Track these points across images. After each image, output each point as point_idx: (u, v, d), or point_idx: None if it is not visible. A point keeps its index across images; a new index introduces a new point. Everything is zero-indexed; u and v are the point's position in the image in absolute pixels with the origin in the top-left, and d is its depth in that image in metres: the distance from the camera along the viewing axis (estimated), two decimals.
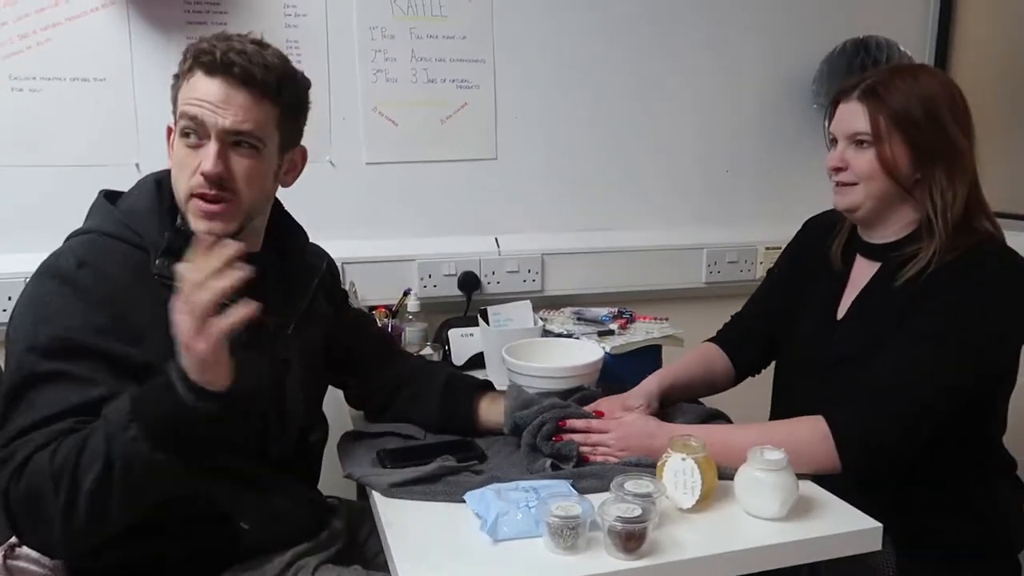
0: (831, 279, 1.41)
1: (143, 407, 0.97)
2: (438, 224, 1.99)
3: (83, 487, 0.96)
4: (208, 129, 1.11)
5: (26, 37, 1.67)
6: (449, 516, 1.10)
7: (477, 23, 1.94)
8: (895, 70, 1.34)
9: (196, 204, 1.12)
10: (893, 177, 1.27)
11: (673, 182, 2.15)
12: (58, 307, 1.05)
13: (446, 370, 1.50)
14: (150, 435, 0.96)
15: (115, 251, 1.11)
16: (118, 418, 0.97)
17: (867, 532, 1.07)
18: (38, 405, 1.01)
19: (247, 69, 1.11)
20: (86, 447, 0.97)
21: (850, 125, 1.30)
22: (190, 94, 1.11)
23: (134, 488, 0.98)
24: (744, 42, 2.13)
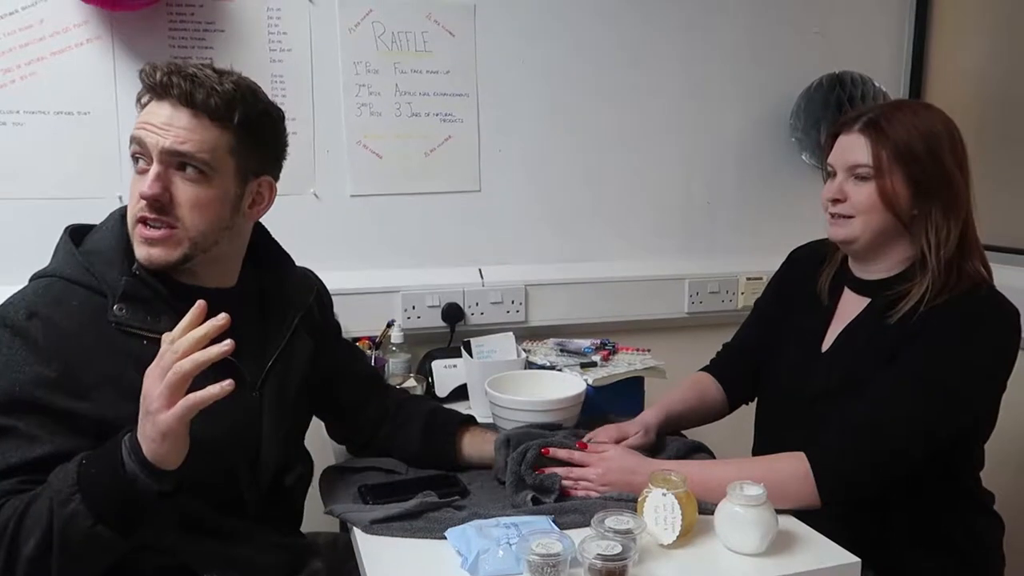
0: (817, 312, 1.42)
1: (89, 479, 0.94)
2: (422, 256, 2.00)
3: (22, 553, 0.94)
4: (150, 151, 1.08)
5: (10, 71, 1.68)
6: (430, 553, 1.10)
7: (461, 58, 1.97)
8: (897, 105, 1.35)
9: (139, 230, 1.09)
10: (892, 211, 1.27)
11: (655, 214, 2.18)
12: (6, 359, 1.02)
13: (429, 404, 1.49)
14: (93, 509, 0.93)
15: (72, 296, 1.07)
16: (62, 487, 0.94)
17: (846, 567, 1.08)
18: None
19: (188, 91, 1.07)
20: (28, 512, 0.95)
21: (851, 157, 1.30)
22: (141, 118, 1.10)
23: (74, 558, 0.95)
24: (723, 77, 2.17)
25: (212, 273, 1.17)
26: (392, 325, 1.88)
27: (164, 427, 0.92)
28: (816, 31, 2.23)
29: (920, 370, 1.21)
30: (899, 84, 2.32)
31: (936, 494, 1.29)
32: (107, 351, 1.05)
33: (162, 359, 0.94)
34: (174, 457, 0.95)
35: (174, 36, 1.77)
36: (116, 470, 0.94)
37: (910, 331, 1.25)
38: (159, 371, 0.93)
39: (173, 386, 0.92)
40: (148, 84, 1.09)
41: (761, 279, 2.21)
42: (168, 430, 0.92)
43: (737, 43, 2.17)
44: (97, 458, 0.97)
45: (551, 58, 2.04)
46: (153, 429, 0.93)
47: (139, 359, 1.03)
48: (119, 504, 0.94)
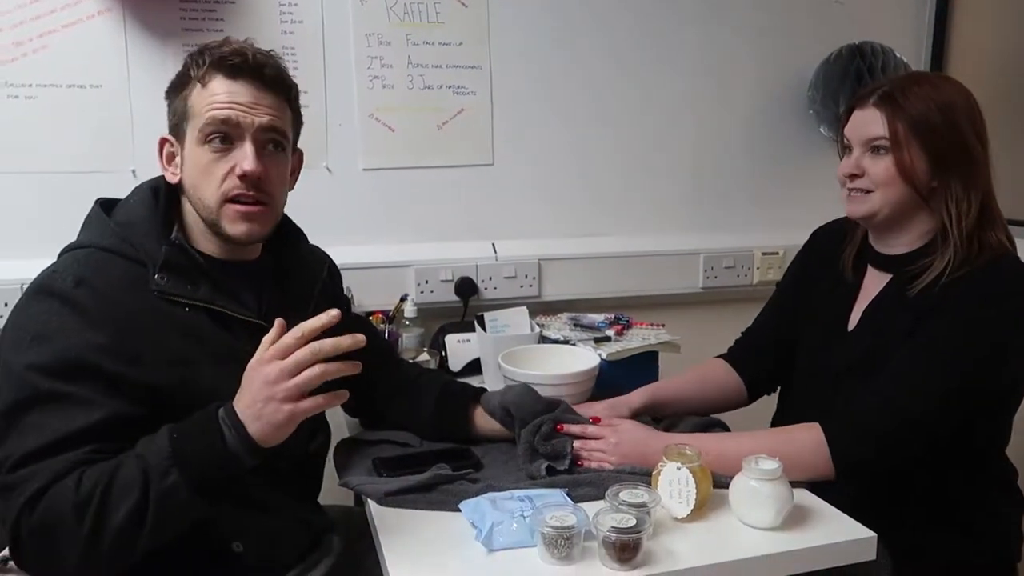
0: (841, 290, 1.40)
1: (187, 455, 0.98)
2: (435, 230, 1.99)
3: (112, 521, 0.96)
4: (243, 130, 1.11)
5: (21, 44, 1.67)
6: (444, 525, 1.10)
7: (473, 29, 1.94)
8: (913, 77, 1.34)
9: (233, 208, 1.12)
10: (911, 184, 1.26)
11: (670, 188, 2.15)
12: (57, 326, 1.03)
13: (442, 378, 1.50)
14: (191, 483, 0.98)
15: (112, 267, 1.09)
16: (157, 461, 0.98)
17: (862, 542, 1.07)
18: (42, 429, 0.99)
19: (275, 70, 1.14)
20: (114, 481, 0.97)
21: (867, 131, 1.28)
22: (212, 99, 1.10)
23: (164, 527, 0.99)
24: (740, 48, 2.14)
25: (248, 246, 1.20)
26: (405, 299, 1.87)
27: (288, 417, 0.99)
28: (837, 0, 2.18)
29: (938, 342, 1.20)
30: (920, 55, 2.27)
31: (954, 473, 1.28)
32: (152, 318, 1.07)
33: (287, 350, 0.99)
34: (280, 439, 1.02)
35: (185, 8, 1.75)
36: (216, 446, 0.99)
37: (930, 304, 1.23)
38: (293, 364, 0.98)
39: (308, 384, 0.99)
40: (233, 64, 1.11)
41: (777, 254, 2.19)
42: (291, 420, 1.00)
43: (755, 13, 2.13)
44: (191, 433, 1.01)
45: (565, 29, 2.01)
46: (275, 415, 0.99)
47: (182, 326, 1.08)
48: (217, 475, 1.00)
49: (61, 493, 0.96)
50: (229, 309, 1.13)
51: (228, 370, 1.07)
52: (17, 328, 1.05)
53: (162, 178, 1.19)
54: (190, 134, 1.13)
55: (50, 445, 0.99)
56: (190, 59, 1.14)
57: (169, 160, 1.17)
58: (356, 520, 1.39)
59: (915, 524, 1.27)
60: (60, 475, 0.98)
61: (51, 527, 0.96)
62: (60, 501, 0.96)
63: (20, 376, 1.01)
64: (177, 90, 1.15)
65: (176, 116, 1.15)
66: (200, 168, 1.12)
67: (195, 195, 1.14)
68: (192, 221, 1.17)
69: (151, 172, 1.24)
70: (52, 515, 0.96)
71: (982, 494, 1.31)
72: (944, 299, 1.22)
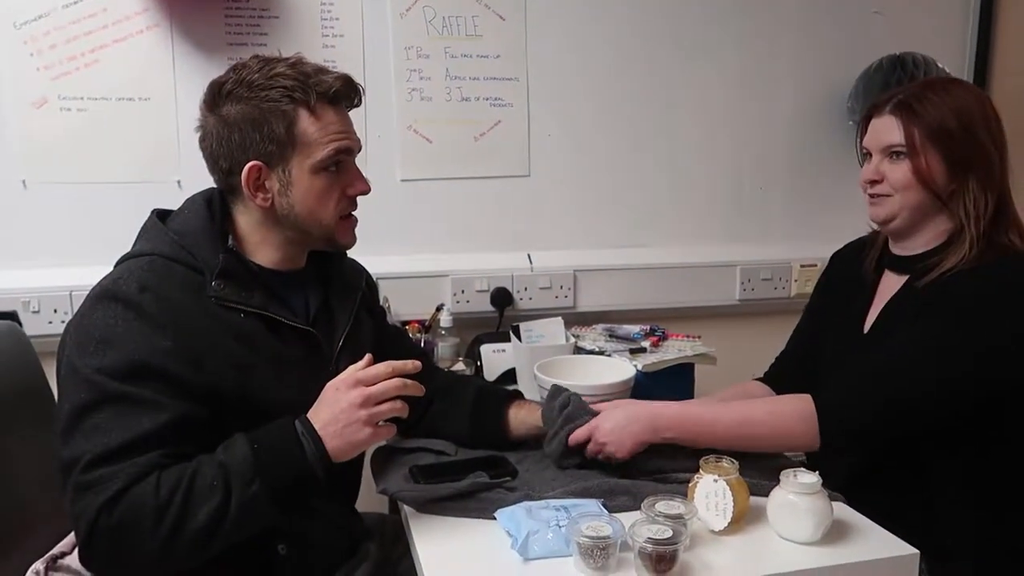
0: (858, 297, 1.43)
1: (269, 465, 1.04)
2: (471, 240, 2.01)
3: (191, 525, 1.00)
4: (352, 155, 1.21)
5: (75, 59, 1.73)
6: (480, 533, 1.11)
7: (511, 42, 1.96)
8: (927, 84, 1.37)
9: (346, 223, 1.23)
10: (928, 188, 1.29)
11: (706, 199, 2.14)
12: (123, 330, 1.05)
13: (476, 383, 1.51)
14: (273, 495, 1.03)
15: (173, 273, 1.12)
16: (241, 470, 1.03)
17: (903, 559, 1.05)
18: (111, 431, 1.02)
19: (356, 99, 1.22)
20: (194, 486, 1.01)
21: (884, 138, 1.32)
22: (330, 128, 1.16)
23: (239, 532, 1.04)
24: (779, 59, 2.13)
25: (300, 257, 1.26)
26: (441, 309, 1.89)
27: (368, 439, 1.09)
28: (876, 11, 2.16)
29: (940, 321, 1.22)
30: (963, 65, 2.23)
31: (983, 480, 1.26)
32: (211, 323, 1.11)
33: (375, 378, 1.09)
34: (350, 457, 1.10)
35: (230, 23, 1.80)
36: (297, 458, 1.06)
37: (938, 290, 1.26)
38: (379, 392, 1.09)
39: (390, 413, 1.10)
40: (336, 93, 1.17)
41: (815, 266, 2.17)
42: (369, 442, 1.10)
43: (793, 24, 2.12)
44: (272, 444, 1.06)
45: (601, 42, 2.01)
46: (356, 435, 1.07)
47: (239, 331, 1.12)
48: (296, 488, 1.06)
49: (141, 495, 1.00)
50: (281, 316, 1.16)
51: (278, 373, 1.12)
52: (82, 333, 1.07)
53: (214, 190, 1.22)
54: (300, 162, 1.15)
55: (123, 447, 1.01)
56: (284, 88, 1.12)
57: (257, 186, 1.16)
58: (390, 527, 1.40)
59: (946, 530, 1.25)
60: (138, 477, 1.00)
61: (129, 528, 0.99)
62: (140, 503, 0.99)
63: (87, 379, 1.04)
64: (268, 117, 1.13)
65: (272, 143, 1.14)
66: (316, 194, 1.17)
67: (309, 218, 1.18)
68: (248, 233, 1.20)
69: (196, 182, 1.27)
70: (131, 516, 0.99)
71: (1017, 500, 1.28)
72: (948, 288, 1.25)
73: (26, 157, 1.73)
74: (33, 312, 1.72)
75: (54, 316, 1.73)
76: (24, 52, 1.70)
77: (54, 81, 1.72)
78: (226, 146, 1.15)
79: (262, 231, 1.20)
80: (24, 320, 1.61)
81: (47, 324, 1.72)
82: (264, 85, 1.13)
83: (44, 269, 1.75)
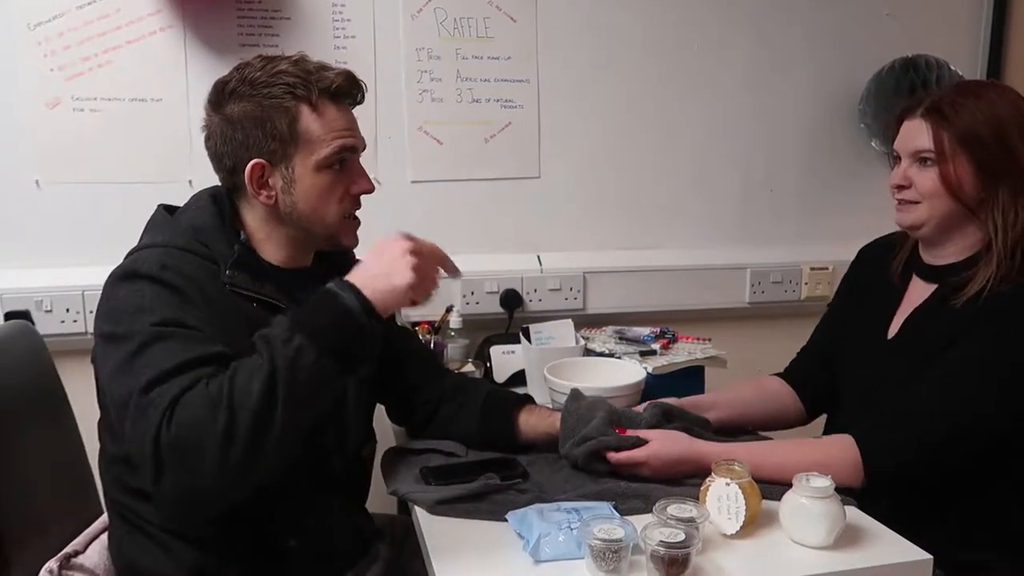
0: (884, 299, 1.40)
1: (306, 320, 1.02)
2: (481, 242, 2.01)
3: (246, 405, 0.96)
4: (357, 153, 1.20)
5: (88, 59, 1.73)
6: (491, 535, 1.11)
7: (522, 44, 1.96)
8: (961, 88, 1.33)
9: (349, 223, 1.23)
10: (956, 196, 1.26)
11: (716, 201, 2.14)
12: (153, 300, 1.05)
13: (486, 386, 1.51)
14: (314, 341, 0.99)
15: (188, 261, 1.13)
16: (278, 332, 1.00)
17: (917, 564, 1.05)
18: (163, 358, 1.00)
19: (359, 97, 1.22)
20: (239, 369, 0.98)
21: (913, 143, 1.29)
22: (333, 125, 1.16)
23: (298, 397, 0.98)
24: (791, 61, 2.12)
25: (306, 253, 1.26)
26: (451, 310, 1.89)
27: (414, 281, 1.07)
28: (888, 13, 2.15)
29: (978, 355, 1.19)
30: (976, 68, 2.22)
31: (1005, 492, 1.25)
32: (228, 307, 1.12)
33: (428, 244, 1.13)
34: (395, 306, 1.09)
35: (242, 24, 1.80)
36: (334, 305, 1.03)
37: (974, 316, 1.22)
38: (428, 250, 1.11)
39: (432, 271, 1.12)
40: (339, 90, 1.17)
41: (826, 269, 2.16)
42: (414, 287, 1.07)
43: (805, 26, 2.11)
44: (307, 305, 1.05)
45: (612, 45, 2.01)
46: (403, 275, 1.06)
47: (250, 319, 1.11)
48: (344, 340, 1.02)
49: (193, 399, 0.97)
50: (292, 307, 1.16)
51: None
52: (112, 310, 1.07)
53: (220, 187, 1.23)
54: (303, 159, 1.15)
55: (175, 367, 0.99)
56: (286, 84, 1.13)
57: (261, 184, 1.17)
58: (400, 528, 1.41)
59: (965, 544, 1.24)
60: (188, 387, 0.98)
61: (187, 435, 0.95)
62: (193, 406, 0.96)
63: (134, 333, 1.02)
64: (270, 114, 1.13)
65: (275, 140, 1.14)
66: (319, 192, 1.17)
67: (312, 216, 1.18)
68: (255, 229, 1.21)
69: (207, 182, 1.28)
70: (187, 423, 0.95)
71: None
72: (987, 311, 1.21)
73: (39, 157, 1.74)
74: (46, 311, 1.72)
75: (67, 316, 1.74)
76: (38, 53, 1.71)
77: (68, 82, 1.73)
78: (230, 144, 1.16)
79: (267, 229, 1.20)
80: (37, 319, 1.63)
81: (59, 324, 1.73)
82: (267, 82, 1.14)
83: (57, 269, 1.75)
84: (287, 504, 1.15)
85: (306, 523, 1.16)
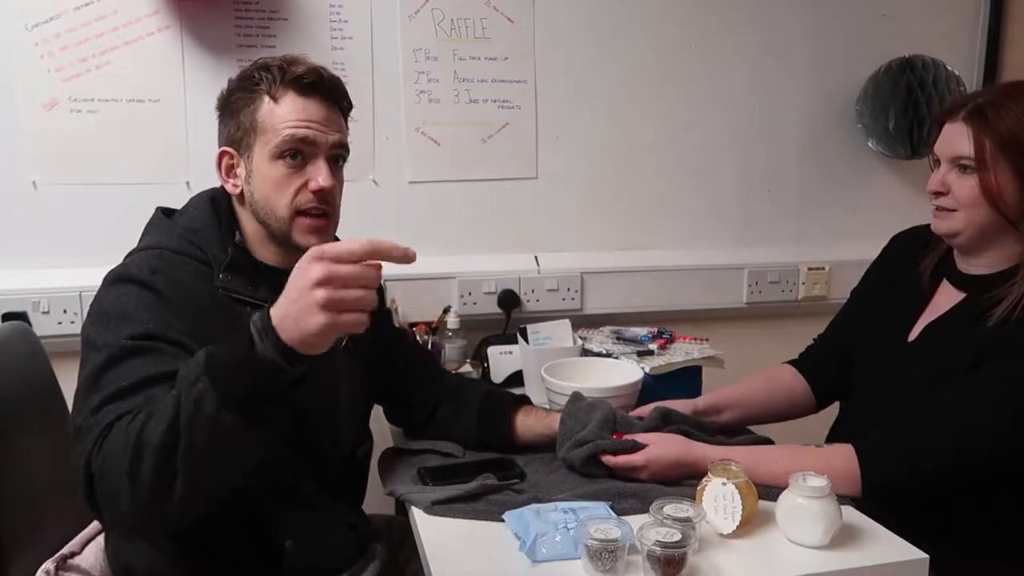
0: (910, 299, 1.36)
1: (216, 362, 0.91)
2: (478, 242, 2.01)
3: (147, 450, 0.90)
4: (317, 148, 1.16)
5: (86, 60, 1.73)
6: (488, 535, 1.11)
7: (519, 45, 1.96)
8: (1008, 90, 1.26)
9: (304, 221, 1.17)
10: (996, 206, 1.20)
11: (714, 201, 2.14)
12: (138, 305, 1.06)
13: (484, 387, 1.51)
14: (218, 388, 0.89)
15: (182, 264, 1.13)
16: (188, 371, 0.92)
17: (913, 563, 1.05)
18: (124, 375, 1.00)
19: (342, 89, 1.19)
20: (156, 411, 0.93)
21: (953, 147, 1.23)
22: (289, 116, 1.14)
23: (198, 454, 0.90)
24: (788, 62, 2.12)
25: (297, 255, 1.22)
26: (448, 311, 1.89)
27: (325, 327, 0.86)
28: (884, 13, 2.15)
29: (998, 385, 1.16)
30: (973, 69, 2.22)
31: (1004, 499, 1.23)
32: (220, 312, 1.11)
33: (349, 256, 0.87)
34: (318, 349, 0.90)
35: (240, 25, 1.80)
36: (244, 350, 0.89)
37: (997, 342, 1.18)
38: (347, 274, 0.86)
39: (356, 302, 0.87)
40: (307, 83, 1.15)
41: (823, 269, 2.17)
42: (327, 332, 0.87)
43: (802, 27, 2.11)
44: (224, 343, 0.94)
45: (609, 45, 2.01)
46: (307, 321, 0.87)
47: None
48: (245, 385, 0.89)
49: (118, 430, 0.94)
50: None
51: None
52: (100, 312, 1.08)
53: (220, 188, 1.23)
54: (260, 149, 1.16)
55: (126, 388, 0.98)
56: (257, 74, 1.17)
57: (228, 172, 1.21)
58: (397, 529, 1.41)
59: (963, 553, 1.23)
60: (124, 414, 0.96)
61: (106, 464, 0.94)
62: (116, 437, 0.94)
63: (108, 346, 1.02)
64: (240, 104, 1.17)
65: (240, 130, 1.18)
66: (273, 182, 1.16)
67: (265, 207, 1.17)
68: (250, 230, 1.21)
69: (205, 183, 1.28)
70: (108, 451, 0.94)
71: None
72: (1014, 338, 1.17)
73: (37, 158, 1.74)
74: (43, 313, 1.72)
75: (64, 317, 1.74)
76: (35, 54, 1.71)
77: (65, 83, 1.73)
78: (218, 140, 1.21)
79: (258, 227, 1.20)
80: (34, 321, 1.63)
81: (57, 325, 1.73)
82: (245, 76, 1.18)
83: (54, 270, 1.75)
84: (282, 505, 1.15)
85: (302, 524, 1.16)
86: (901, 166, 2.19)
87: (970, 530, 1.24)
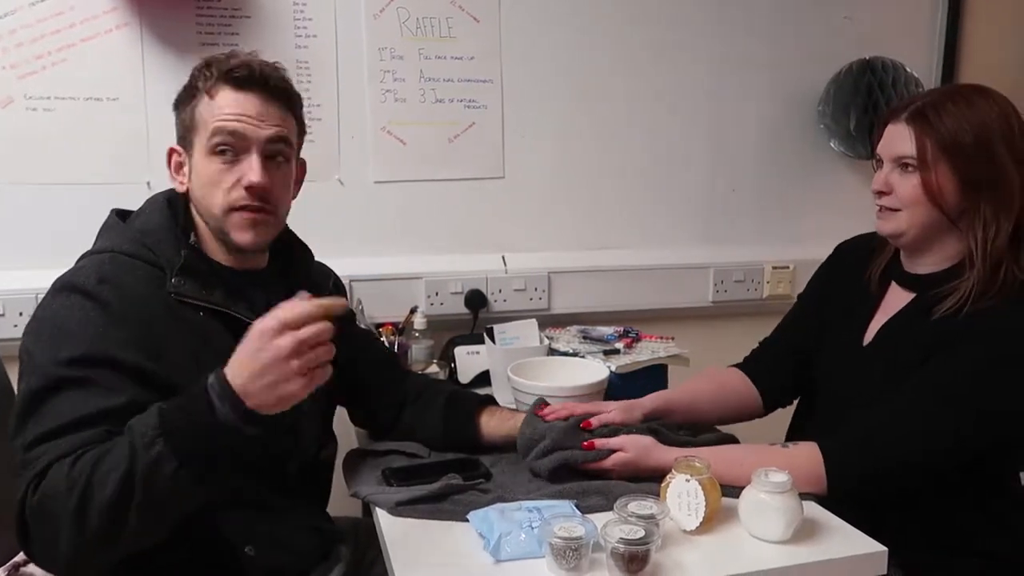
0: (861, 305, 1.38)
1: (173, 425, 0.94)
2: (445, 242, 2.00)
3: (99, 497, 0.93)
4: (249, 142, 1.14)
5: (42, 58, 1.70)
6: (452, 535, 1.10)
7: (485, 44, 1.96)
8: (950, 93, 1.28)
9: (239, 216, 1.15)
10: (937, 205, 1.22)
11: (679, 201, 2.16)
12: (80, 320, 1.04)
13: (448, 388, 1.50)
14: (177, 453, 0.93)
15: (133, 269, 1.12)
16: (144, 431, 0.94)
17: (873, 556, 1.07)
18: (61, 410, 0.99)
19: (280, 82, 1.17)
20: (105, 457, 0.95)
21: (896, 148, 1.25)
22: (222, 110, 1.13)
23: (153, 505, 0.95)
24: (752, 63, 2.14)
25: (257, 255, 1.23)
26: (415, 311, 1.88)
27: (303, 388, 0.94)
28: (846, 16, 2.18)
29: (952, 381, 1.18)
30: (931, 70, 2.27)
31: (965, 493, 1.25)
32: (171, 318, 1.10)
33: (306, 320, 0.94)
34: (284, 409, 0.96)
35: (201, 22, 1.78)
36: (205, 417, 0.94)
37: (948, 335, 1.20)
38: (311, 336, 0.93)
39: (322, 359, 0.95)
40: (239, 76, 1.13)
41: (788, 268, 2.19)
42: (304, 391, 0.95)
43: (765, 29, 2.14)
44: (180, 405, 0.97)
45: (575, 45, 2.02)
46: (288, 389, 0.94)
47: (195, 329, 1.10)
48: (203, 448, 0.94)
49: (58, 471, 0.95)
50: (242, 314, 1.14)
51: None
52: (41, 322, 1.07)
53: (175, 189, 1.21)
54: (198, 145, 1.16)
55: (63, 426, 0.98)
56: (197, 71, 1.16)
57: (177, 169, 1.20)
58: (363, 531, 1.40)
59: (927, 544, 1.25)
60: (64, 455, 0.96)
61: (47, 505, 0.95)
62: (56, 479, 0.95)
63: (44, 367, 1.02)
64: (185, 101, 1.17)
65: (184, 127, 1.18)
66: (207, 178, 1.15)
67: (203, 204, 1.17)
68: (203, 230, 1.20)
69: (166, 183, 1.26)
70: (48, 494, 0.95)
71: (998, 516, 1.27)
72: (961, 333, 1.19)
73: None
74: None
75: (20, 320, 1.69)
76: None
77: (20, 80, 1.69)
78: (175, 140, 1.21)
79: (205, 224, 1.19)
80: None
81: (12, 328, 1.68)
82: (191, 74, 1.18)
83: (10, 271, 1.72)
84: (241, 511, 1.13)
85: (263, 529, 1.15)
86: (863, 166, 2.22)
87: (929, 523, 1.26)
